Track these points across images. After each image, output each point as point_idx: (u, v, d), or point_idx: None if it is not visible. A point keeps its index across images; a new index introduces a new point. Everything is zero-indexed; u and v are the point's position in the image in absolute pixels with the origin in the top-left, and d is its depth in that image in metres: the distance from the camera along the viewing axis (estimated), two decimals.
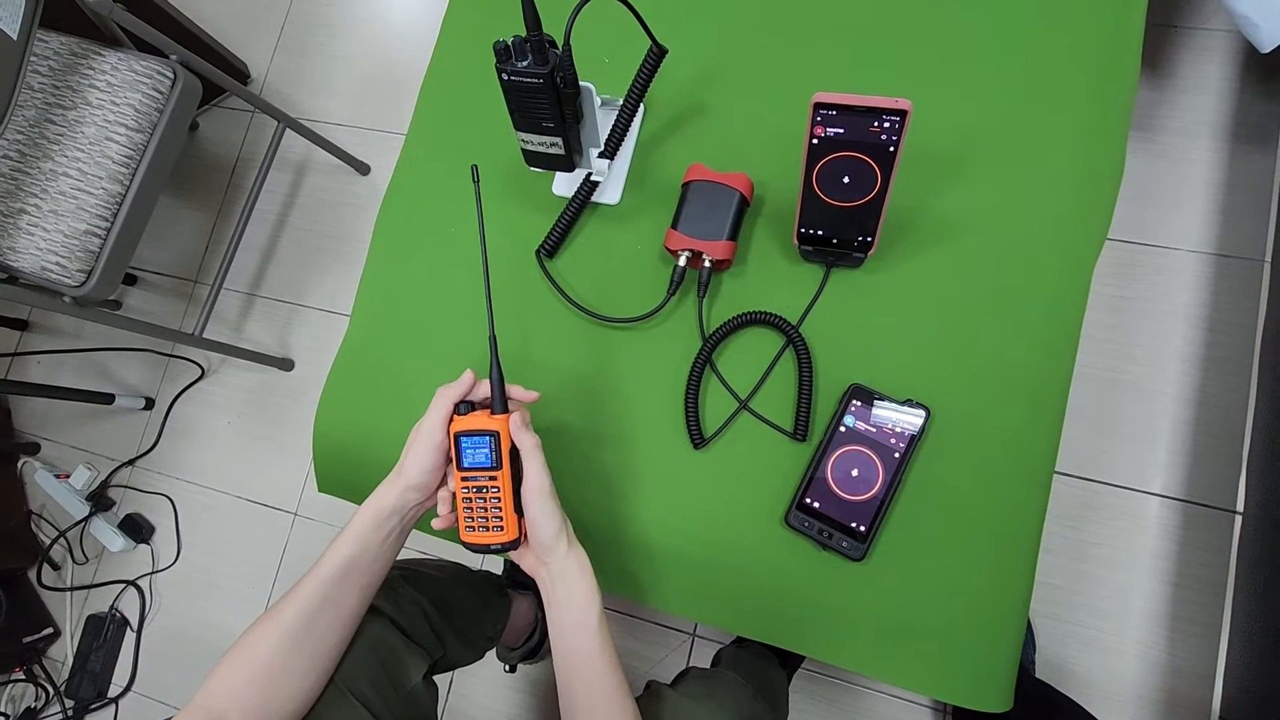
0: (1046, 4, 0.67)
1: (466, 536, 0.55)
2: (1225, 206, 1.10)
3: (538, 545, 0.55)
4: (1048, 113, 0.65)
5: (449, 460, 0.56)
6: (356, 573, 0.56)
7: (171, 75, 1.06)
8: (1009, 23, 0.67)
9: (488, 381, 0.56)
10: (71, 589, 1.43)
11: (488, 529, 0.54)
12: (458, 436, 0.54)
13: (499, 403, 0.55)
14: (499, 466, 0.54)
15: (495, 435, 0.54)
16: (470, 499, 0.54)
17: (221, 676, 0.53)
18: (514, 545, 0.56)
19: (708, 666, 0.95)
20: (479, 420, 0.54)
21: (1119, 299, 1.11)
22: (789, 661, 1.03)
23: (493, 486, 0.54)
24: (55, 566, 1.45)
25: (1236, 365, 1.05)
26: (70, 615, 1.43)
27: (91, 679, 1.36)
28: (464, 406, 0.55)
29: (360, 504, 0.57)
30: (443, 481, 0.58)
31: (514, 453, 0.55)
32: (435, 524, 0.57)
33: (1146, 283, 1.11)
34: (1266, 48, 0.88)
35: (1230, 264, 1.09)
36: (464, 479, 0.54)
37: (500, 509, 0.54)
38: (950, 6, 0.68)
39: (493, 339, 0.56)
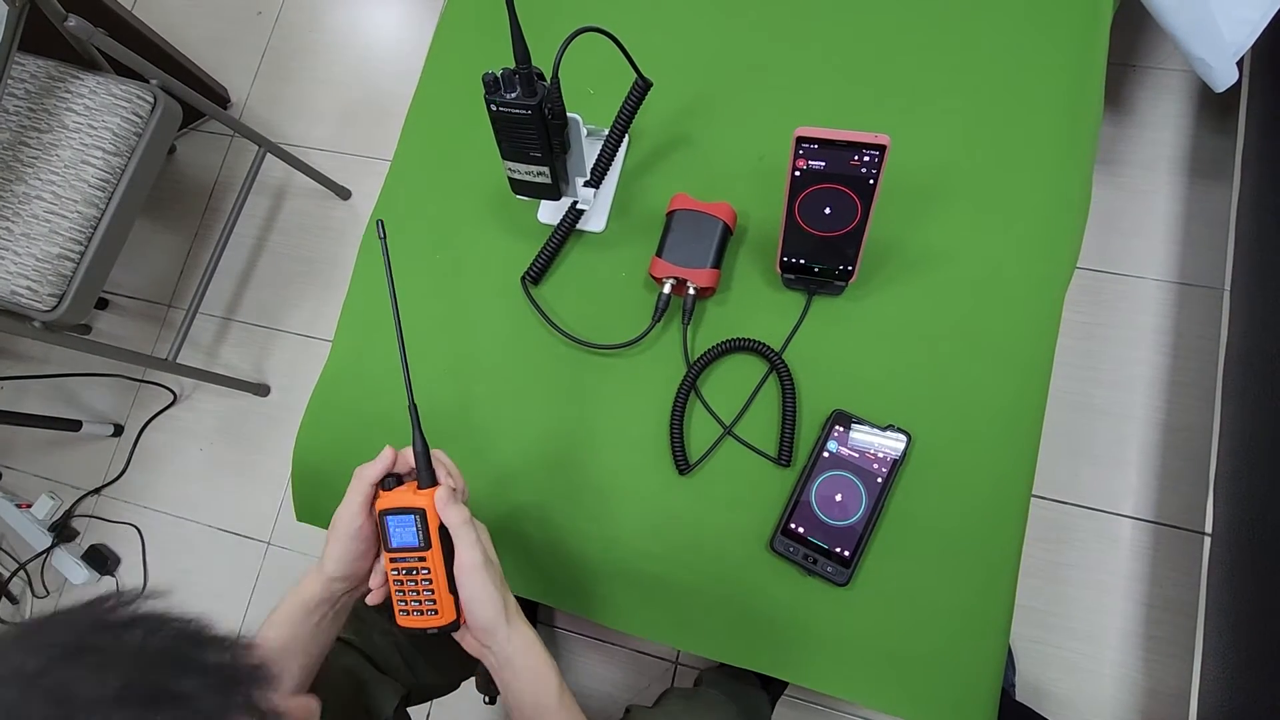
0: (1015, 47, 0.70)
1: (401, 620, 0.51)
2: (1185, 237, 1.15)
3: (476, 628, 0.51)
4: (1018, 149, 0.67)
5: (377, 541, 0.52)
6: (291, 655, 0.52)
7: (151, 99, 1.06)
8: (981, 64, 0.70)
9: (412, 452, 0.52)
10: None
11: (422, 612, 0.50)
12: (382, 515, 0.50)
13: (424, 475, 0.51)
14: (428, 545, 0.49)
15: (420, 512, 0.49)
16: (401, 581, 0.50)
17: None
18: (454, 627, 0.52)
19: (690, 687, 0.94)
20: (403, 497, 0.50)
21: (1088, 325, 1.14)
22: (772, 688, 1.02)
23: (423, 567, 0.49)
24: (14, 600, 1.40)
25: (1201, 389, 1.09)
26: None
27: None
28: (390, 480, 0.51)
29: None
30: (378, 557, 0.54)
31: (442, 529, 0.50)
32: (369, 600, 0.53)
33: (1114, 310, 1.14)
34: (1220, 88, 0.92)
35: (1192, 292, 1.13)
36: (393, 560, 0.50)
37: (433, 590, 0.50)
38: (925, 50, 0.71)
39: (413, 407, 0.52)
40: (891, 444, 0.62)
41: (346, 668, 0.60)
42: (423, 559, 0.49)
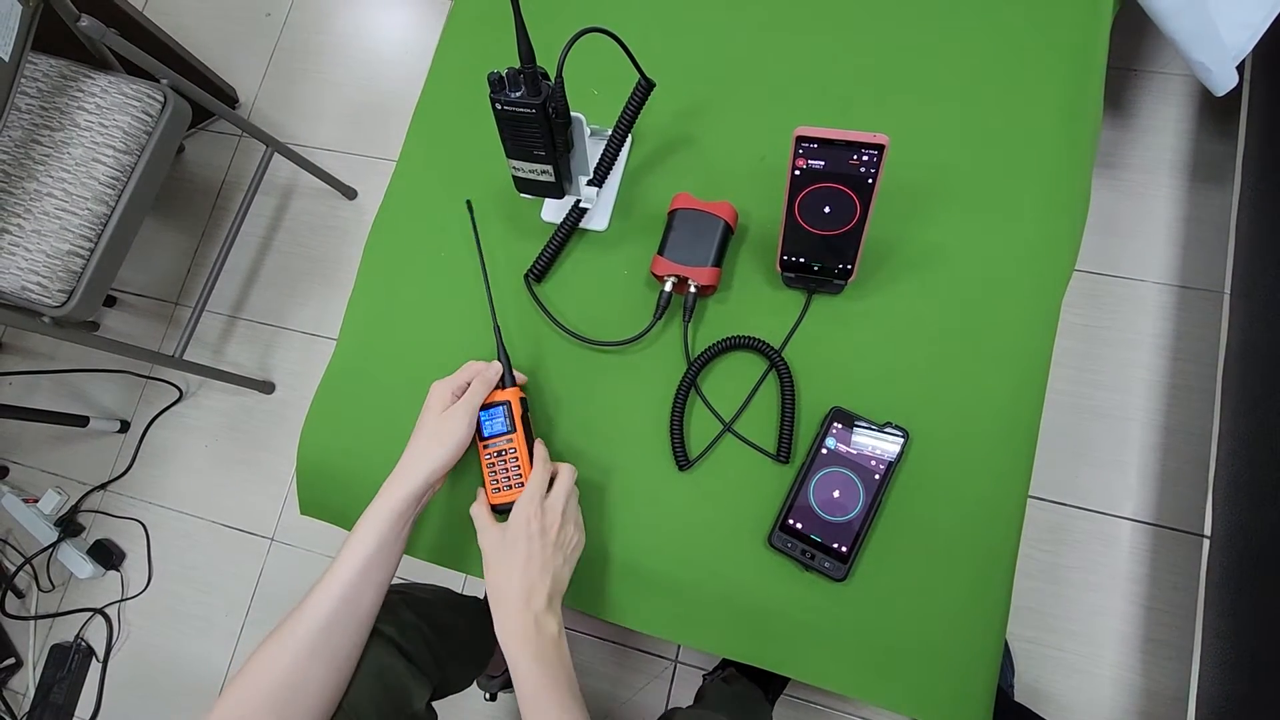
0: (1015, 49, 0.70)
1: (494, 499, 0.62)
2: (1186, 240, 1.15)
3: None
4: (1017, 150, 0.68)
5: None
6: (374, 570, 0.57)
7: (161, 99, 1.07)
8: (982, 66, 0.70)
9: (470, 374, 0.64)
10: (36, 617, 1.39)
11: (510, 486, 0.62)
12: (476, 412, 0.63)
13: (507, 377, 0.65)
14: (514, 430, 0.63)
15: (508, 404, 0.63)
16: (494, 463, 0.63)
17: (234, 697, 0.51)
18: None
19: (692, 704, 0.94)
20: (493, 395, 0.64)
21: (1088, 327, 1.15)
22: (770, 688, 1.03)
23: (510, 448, 0.62)
24: (19, 594, 1.41)
25: (1200, 393, 1.09)
26: (34, 645, 1.38)
27: (54, 712, 1.31)
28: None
29: (347, 528, 0.57)
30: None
31: (525, 418, 0.64)
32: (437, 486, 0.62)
33: (1113, 312, 1.15)
34: (1220, 92, 0.93)
35: (1192, 295, 1.13)
36: (486, 447, 0.63)
37: (519, 465, 0.62)
38: (926, 50, 0.72)
39: (497, 328, 0.66)
40: (889, 442, 0.62)
41: (382, 660, 0.61)
42: (510, 440, 0.63)
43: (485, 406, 0.63)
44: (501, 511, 0.62)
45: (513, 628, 0.55)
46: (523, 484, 0.61)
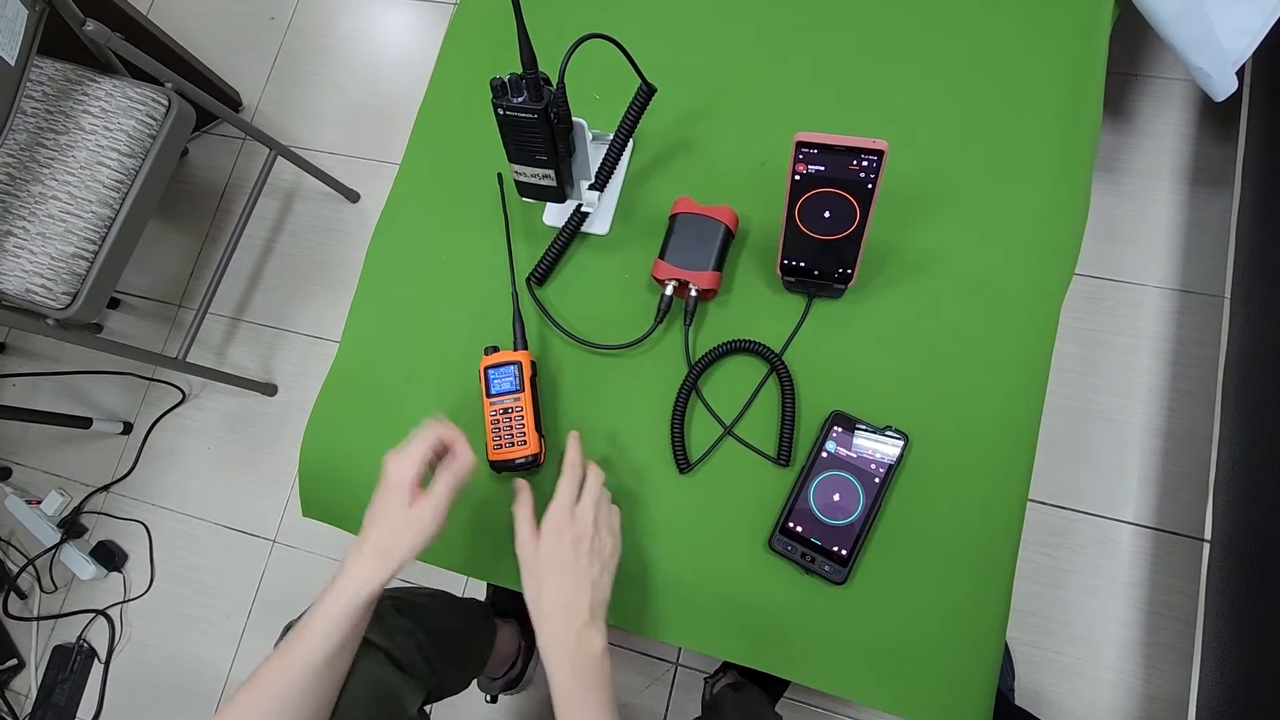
0: (1013, 54, 0.71)
1: (494, 455, 0.64)
2: (1186, 245, 1.15)
3: None
4: (1017, 155, 0.68)
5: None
6: (340, 660, 0.55)
7: (165, 102, 1.08)
8: (981, 71, 0.71)
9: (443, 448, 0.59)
10: (38, 618, 1.39)
11: (513, 444, 0.64)
12: (486, 370, 0.66)
13: (520, 340, 0.68)
14: (521, 389, 0.64)
15: (518, 364, 0.65)
16: (498, 420, 0.64)
17: None
18: (536, 460, 0.65)
19: (699, 713, 0.93)
20: (504, 355, 0.66)
21: (1088, 331, 1.15)
22: (771, 691, 1.03)
23: (516, 407, 0.64)
24: (22, 595, 1.42)
25: (1201, 397, 1.09)
26: (36, 646, 1.39)
27: (56, 713, 1.31)
28: (488, 349, 0.67)
29: (349, 530, 0.57)
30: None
31: (533, 381, 0.66)
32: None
33: (1114, 316, 1.15)
34: (1220, 97, 0.93)
35: (1193, 299, 1.13)
36: (492, 404, 0.65)
37: (524, 425, 0.64)
38: (926, 56, 0.72)
39: (515, 293, 0.70)
40: (889, 445, 0.62)
41: (373, 673, 0.61)
42: (517, 399, 0.64)
43: (495, 365, 0.65)
44: (500, 469, 0.64)
45: (553, 642, 0.53)
46: (525, 442, 0.63)
